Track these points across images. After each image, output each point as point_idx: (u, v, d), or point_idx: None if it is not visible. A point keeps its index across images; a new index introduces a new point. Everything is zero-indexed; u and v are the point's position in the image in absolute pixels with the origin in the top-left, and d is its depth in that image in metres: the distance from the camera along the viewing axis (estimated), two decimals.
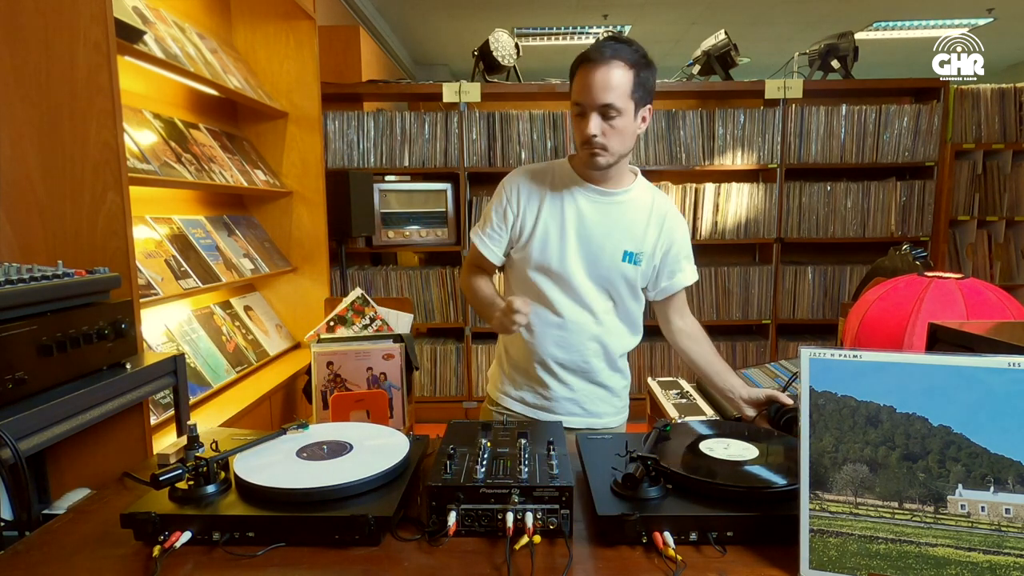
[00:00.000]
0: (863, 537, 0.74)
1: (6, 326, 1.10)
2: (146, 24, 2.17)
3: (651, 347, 4.00)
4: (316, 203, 3.22)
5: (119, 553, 0.83)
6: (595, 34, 6.05)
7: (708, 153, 3.83)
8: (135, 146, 2.07)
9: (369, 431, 1.11)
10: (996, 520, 0.70)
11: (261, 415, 2.46)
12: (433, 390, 3.96)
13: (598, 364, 1.54)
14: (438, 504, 0.84)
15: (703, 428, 1.10)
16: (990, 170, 3.95)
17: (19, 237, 1.61)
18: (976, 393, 0.72)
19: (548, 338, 1.51)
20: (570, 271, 1.47)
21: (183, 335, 2.40)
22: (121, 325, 1.38)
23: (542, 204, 1.49)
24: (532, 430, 1.05)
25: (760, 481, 0.89)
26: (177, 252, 2.33)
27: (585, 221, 1.47)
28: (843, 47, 3.88)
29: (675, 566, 0.78)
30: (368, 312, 2.53)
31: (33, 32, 1.56)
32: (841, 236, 3.87)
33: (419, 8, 5.98)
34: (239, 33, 3.13)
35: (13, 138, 1.58)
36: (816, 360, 0.77)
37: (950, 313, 1.30)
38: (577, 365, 1.53)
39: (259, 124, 3.17)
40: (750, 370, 1.80)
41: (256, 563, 0.80)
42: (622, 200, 1.48)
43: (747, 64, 7.16)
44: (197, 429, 1.01)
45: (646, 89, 1.37)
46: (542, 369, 1.54)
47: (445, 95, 3.77)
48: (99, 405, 1.28)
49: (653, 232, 1.49)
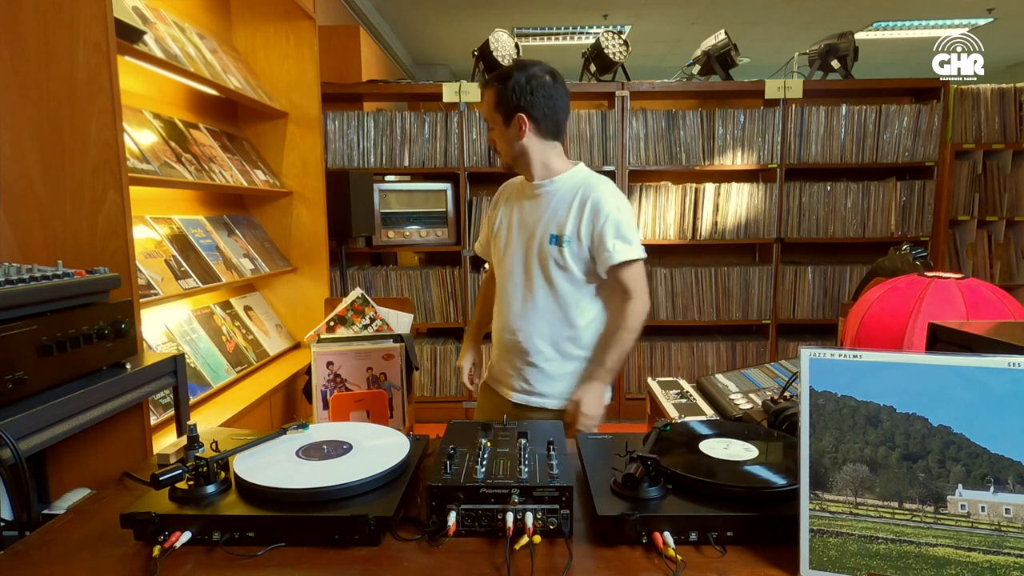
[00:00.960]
0: (863, 537, 0.74)
1: (6, 326, 1.10)
2: (146, 24, 2.17)
3: (651, 347, 4.00)
4: (316, 203, 3.22)
5: (119, 553, 0.83)
6: (595, 34, 6.04)
7: (708, 153, 3.83)
8: (135, 146, 2.07)
9: (369, 431, 1.11)
10: (996, 520, 0.70)
11: (261, 415, 2.46)
12: (433, 390, 3.96)
13: (540, 345, 1.69)
14: (438, 504, 0.84)
15: (703, 428, 1.10)
16: (990, 170, 3.95)
17: (19, 237, 1.61)
18: (976, 393, 0.72)
19: (498, 321, 1.77)
20: (512, 257, 1.71)
21: (183, 335, 2.40)
22: (121, 325, 1.38)
23: (505, 206, 1.78)
24: (532, 430, 1.05)
25: (760, 481, 0.89)
26: (177, 252, 2.33)
27: (523, 212, 1.72)
28: (843, 47, 3.88)
29: (675, 566, 0.78)
30: (368, 312, 2.53)
31: (33, 32, 1.56)
32: (841, 236, 3.87)
33: (419, 8, 5.98)
34: (239, 33, 3.13)
35: (13, 138, 1.58)
36: (816, 360, 0.77)
37: (950, 313, 1.30)
38: (518, 345, 1.71)
39: (259, 124, 3.17)
40: (750, 370, 1.79)
41: (256, 563, 0.80)
42: (548, 190, 1.69)
43: (747, 64, 7.17)
44: (197, 429, 1.01)
45: (506, 102, 1.63)
46: (495, 347, 1.79)
47: (445, 95, 3.77)
48: (99, 405, 1.28)
49: (575, 215, 1.64)
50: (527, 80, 1.61)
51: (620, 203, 1.66)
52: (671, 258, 4.16)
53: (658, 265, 3.97)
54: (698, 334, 4.13)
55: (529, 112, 1.62)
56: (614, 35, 3.87)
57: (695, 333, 4.14)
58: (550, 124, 1.66)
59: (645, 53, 7.55)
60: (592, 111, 3.81)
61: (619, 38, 3.87)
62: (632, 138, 3.80)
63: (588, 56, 3.96)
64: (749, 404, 1.50)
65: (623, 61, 3.89)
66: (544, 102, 1.62)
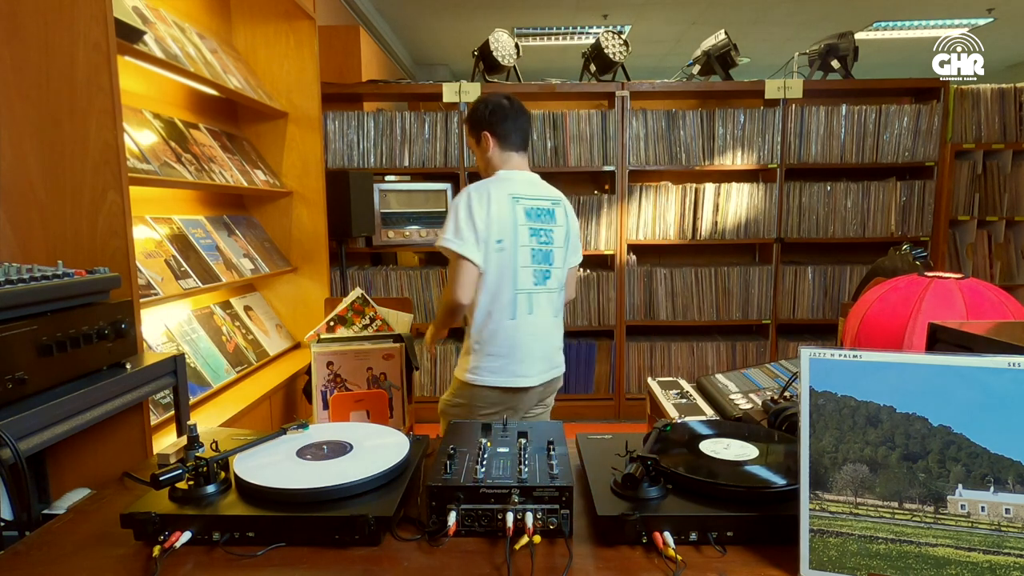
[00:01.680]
0: (863, 537, 0.74)
1: (6, 326, 1.10)
2: (146, 24, 2.17)
3: (651, 347, 4.00)
4: (316, 203, 3.22)
5: (119, 553, 0.83)
6: (595, 34, 6.04)
7: (708, 153, 3.83)
8: (135, 146, 2.07)
9: (369, 431, 1.11)
10: (996, 520, 0.70)
11: (261, 415, 2.46)
12: (433, 390, 3.96)
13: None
14: (438, 504, 0.84)
15: (703, 428, 1.10)
16: (990, 170, 3.95)
17: (19, 237, 1.61)
18: (976, 393, 0.72)
19: None
20: None
21: (183, 335, 2.40)
22: (121, 325, 1.38)
23: None
24: (532, 430, 1.05)
25: (760, 481, 0.89)
26: (177, 252, 2.33)
27: None
28: (843, 47, 3.88)
29: (675, 566, 0.78)
30: (368, 312, 2.53)
31: (33, 32, 1.56)
32: (841, 236, 3.87)
33: (419, 8, 5.98)
34: (239, 33, 3.13)
35: (13, 138, 1.58)
36: (816, 360, 0.77)
37: (950, 313, 1.30)
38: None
39: (259, 124, 3.17)
40: (750, 370, 1.79)
41: (256, 563, 0.80)
42: None
43: (747, 64, 7.17)
44: (197, 429, 1.00)
45: (470, 123, 2.04)
46: None
47: (445, 95, 3.77)
48: (99, 405, 1.28)
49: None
50: (485, 106, 1.99)
51: (459, 197, 1.91)
52: (671, 258, 4.16)
53: (658, 265, 3.97)
54: (698, 334, 4.13)
55: (491, 130, 1.97)
56: (614, 35, 3.87)
57: (695, 333, 4.15)
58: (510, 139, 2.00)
59: (645, 53, 7.55)
60: (592, 111, 3.81)
61: (619, 38, 3.87)
62: (632, 138, 3.80)
63: (588, 56, 3.96)
64: (749, 404, 1.50)
65: (623, 61, 3.89)
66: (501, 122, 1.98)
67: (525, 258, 1.91)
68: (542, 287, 1.95)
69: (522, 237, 1.90)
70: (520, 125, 1.98)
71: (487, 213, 1.85)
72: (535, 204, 1.95)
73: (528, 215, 1.93)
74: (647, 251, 4.09)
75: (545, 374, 2.00)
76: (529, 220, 1.93)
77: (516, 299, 1.90)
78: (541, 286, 1.95)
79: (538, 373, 1.97)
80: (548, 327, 1.99)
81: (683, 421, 1.27)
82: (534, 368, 1.96)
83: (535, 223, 1.94)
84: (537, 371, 1.97)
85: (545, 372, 2.00)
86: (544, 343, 1.98)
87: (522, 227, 1.90)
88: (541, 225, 1.95)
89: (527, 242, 1.91)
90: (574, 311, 3.92)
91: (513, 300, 1.90)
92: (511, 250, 1.88)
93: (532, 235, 1.93)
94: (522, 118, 1.99)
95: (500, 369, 1.92)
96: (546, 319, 1.98)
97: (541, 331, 1.96)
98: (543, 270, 1.95)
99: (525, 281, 1.91)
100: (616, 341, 3.96)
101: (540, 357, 1.97)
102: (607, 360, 3.98)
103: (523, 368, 1.93)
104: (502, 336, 1.91)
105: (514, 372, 1.92)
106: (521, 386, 1.94)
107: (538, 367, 1.97)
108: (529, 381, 1.95)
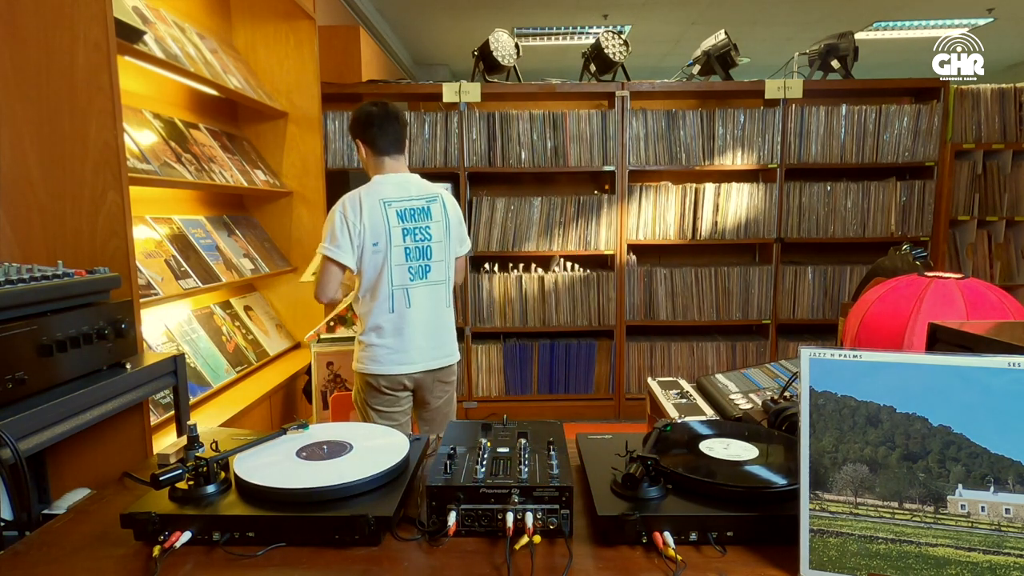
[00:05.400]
0: (863, 537, 0.74)
1: (6, 326, 1.10)
2: (146, 24, 2.17)
3: (651, 347, 4.00)
4: (316, 203, 3.22)
5: (119, 553, 0.83)
6: (595, 34, 6.04)
7: (708, 153, 3.83)
8: (135, 146, 2.07)
9: (369, 431, 1.11)
10: (996, 520, 0.70)
11: (261, 415, 2.46)
12: None
13: None
14: (438, 504, 0.84)
15: (703, 428, 1.10)
16: (990, 170, 3.95)
17: (19, 237, 1.61)
18: (976, 393, 0.72)
19: None
20: None
21: (183, 335, 2.40)
22: (121, 325, 1.38)
23: None
24: (532, 430, 1.05)
25: (760, 481, 0.89)
26: (177, 252, 2.33)
27: None
28: (843, 47, 3.88)
29: (675, 566, 0.78)
30: None
31: (33, 32, 1.56)
32: (841, 236, 3.87)
33: (419, 8, 5.98)
34: (239, 33, 3.13)
35: (13, 138, 1.58)
36: (816, 360, 0.77)
37: (950, 313, 1.30)
38: None
39: (259, 124, 3.17)
40: (750, 370, 1.79)
41: (256, 563, 0.80)
42: None
43: (747, 64, 7.17)
44: (197, 429, 1.00)
45: (350, 132, 2.15)
46: None
47: (445, 95, 3.77)
48: (99, 405, 1.28)
49: None
50: (357, 115, 2.11)
51: (335, 206, 2.02)
52: (671, 258, 4.16)
53: (658, 265, 3.97)
54: (698, 334, 4.13)
55: (363, 138, 2.10)
56: (614, 35, 3.87)
57: (695, 333, 4.14)
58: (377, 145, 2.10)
59: (645, 53, 7.55)
60: (592, 111, 3.81)
61: (619, 38, 3.87)
62: (632, 138, 3.80)
63: (588, 56, 3.96)
64: (749, 404, 1.50)
65: (623, 61, 3.89)
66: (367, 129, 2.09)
67: (399, 257, 2.04)
68: (421, 281, 2.08)
69: (396, 238, 2.03)
70: (388, 130, 2.08)
71: (359, 220, 1.99)
72: (406, 205, 2.07)
73: (400, 216, 2.05)
74: (647, 251, 4.09)
75: (431, 362, 2.12)
76: (402, 221, 2.05)
77: (393, 295, 2.04)
78: (420, 280, 2.08)
79: (422, 361, 2.09)
80: (428, 318, 2.10)
81: (683, 421, 1.27)
82: (417, 356, 2.08)
83: (408, 223, 2.06)
84: (421, 359, 2.09)
85: (431, 360, 2.12)
86: (425, 333, 2.09)
87: (395, 229, 2.03)
88: (415, 224, 2.07)
89: (401, 242, 2.04)
90: (574, 311, 3.93)
91: (390, 295, 2.04)
92: (385, 251, 2.02)
93: (406, 235, 2.06)
94: (391, 123, 2.08)
95: (383, 358, 2.05)
96: (424, 311, 2.09)
97: (421, 322, 2.08)
98: (421, 265, 2.08)
99: (401, 278, 2.05)
100: (616, 341, 3.96)
101: (422, 346, 2.09)
102: (607, 360, 3.98)
103: (406, 357, 2.06)
104: (384, 329, 2.04)
105: (397, 361, 2.06)
106: (404, 372, 2.07)
107: (421, 355, 2.09)
108: (412, 368, 2.08)
